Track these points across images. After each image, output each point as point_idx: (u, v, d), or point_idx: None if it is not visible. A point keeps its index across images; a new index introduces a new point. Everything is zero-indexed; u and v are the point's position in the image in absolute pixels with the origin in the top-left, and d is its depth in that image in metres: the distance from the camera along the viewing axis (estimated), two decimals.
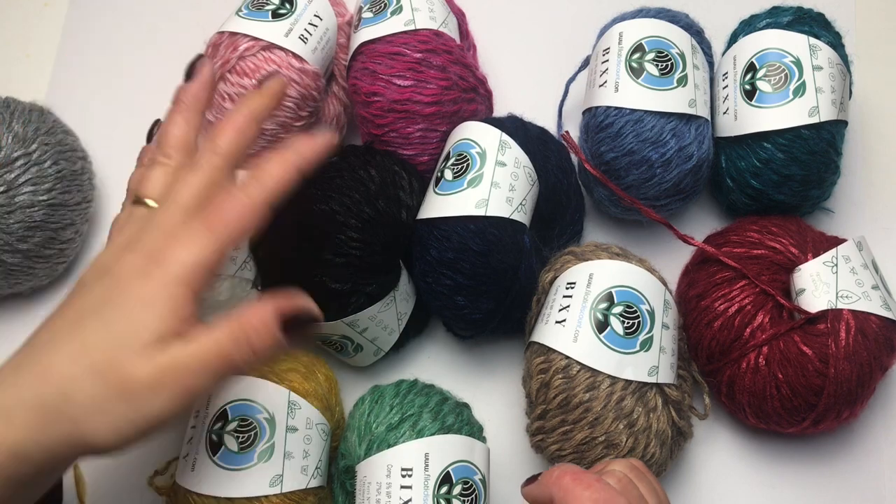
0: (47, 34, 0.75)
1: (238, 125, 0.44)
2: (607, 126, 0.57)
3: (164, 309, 0.38)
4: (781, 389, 0.51)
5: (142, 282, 0.39)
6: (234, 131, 0.44)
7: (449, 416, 0.50)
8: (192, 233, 0.40)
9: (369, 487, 0.47)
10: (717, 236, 0.58)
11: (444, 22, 0.61)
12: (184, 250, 0.40)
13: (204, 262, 0.40)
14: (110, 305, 0.39)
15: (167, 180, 0.43)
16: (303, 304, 0.40)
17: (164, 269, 0.39)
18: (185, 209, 0.41)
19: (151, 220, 0.42)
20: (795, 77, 0.56)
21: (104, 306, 0.39)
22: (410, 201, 0.56)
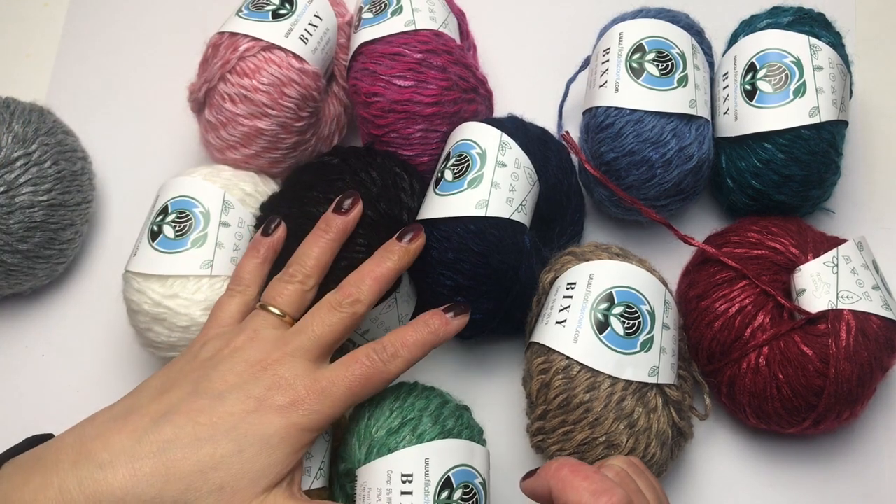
0: (47, 34, 0.75)
1: (382, 278, 0.49)
2: (607, 126, 0.57)
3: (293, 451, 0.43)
4: (782, 390, 0.51)
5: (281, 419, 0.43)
6: (378, 284, 0.49)
7: (449, 420, 0.50)
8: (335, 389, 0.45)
9: (369, 493, 0.47)
10: (718, 237, 0.58)
11: (444, 22, 0.61)
12: (326, 404, 0.45)
13: (336, 416, 0.45)
14: (247, 432, 0.42)
15: (298, 300, 0.49)
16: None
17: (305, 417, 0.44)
18: (322, 347, 0.47)
19: (288, 344, 0.46)
20: (796, 77, 0.56)
21: (240, 430, 0.42)
22: (411, 202, 0.56)
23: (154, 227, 0.57)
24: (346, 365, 0.46)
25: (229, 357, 0.45)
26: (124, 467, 0.40)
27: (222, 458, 0.41)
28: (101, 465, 0.40)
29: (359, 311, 0.48)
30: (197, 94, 0.60)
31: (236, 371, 0.44)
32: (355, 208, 0.52)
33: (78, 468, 0.40)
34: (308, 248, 0.50)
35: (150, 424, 0.42)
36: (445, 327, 0.49)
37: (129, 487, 0.39)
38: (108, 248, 0.66)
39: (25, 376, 0.62)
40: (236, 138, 0.59)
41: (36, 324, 0.64)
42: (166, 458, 0.40)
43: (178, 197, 0.57)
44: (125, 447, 0.41)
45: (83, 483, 0.39)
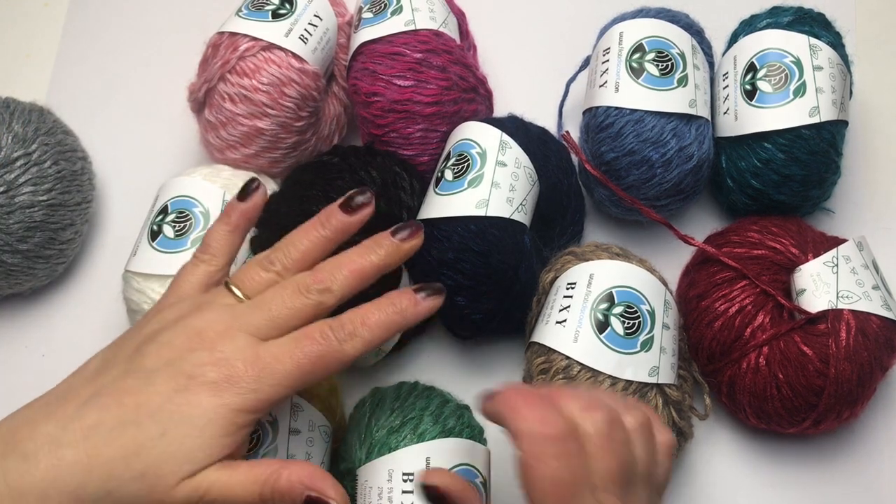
0: (47, 34, 0.75)
1: (362, 272, 0.43)
2: (608, 126, 0.57)
3: (223, 434, 0.39)
4: (782, 390, 0.51)
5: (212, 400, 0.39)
6: (357, 278, 0.43)
7: (450, 419, 0.50)
8: (279, 366, 0.40)
9: (370, 492, 0.47)
10: (718, 236, 0.58)
11: (444, 22, 0.61)
12: (266, 382, 0.40)
13: (278, 397, 0.40)
14: (173, 413, 0.39)
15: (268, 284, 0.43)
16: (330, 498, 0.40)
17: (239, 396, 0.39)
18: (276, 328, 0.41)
19: (237, 318, 0.41)
20: (796, 77, 0.56)
21: (165, 411, 0.39)
22: (411, 202, 0.56)
23: (154, 226, 0.57)
24: (296, 340, 0.41)
25: (170, 327, 0.41)
26: (47, 457, 0.38)
27: (144, 442, 0.38)
28: (26, 457, 0.38)
29: (326, 303, 0.42)
30: (197, 94, 0.60)
31: (174, 344, 0.41)
32: (364, 210, 0.45)
33: (5, 460, 0.38)
34: (298, 237, 0.45)
35: (77, 409, 0.39)
36: (414, 307, 0.42)
37: (50, 479, 0.38)
38: (108, 248, 0.66)
39: (25, 376, 0.62)
40: (236, 138, 0.59)
41: (36, 324, 0.64)
42: (89, 445, 0.38)
43: (177, 197, 0.57)
44: (50, 435, 0.39)
45: (8, 476, 0.38)
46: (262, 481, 0.39)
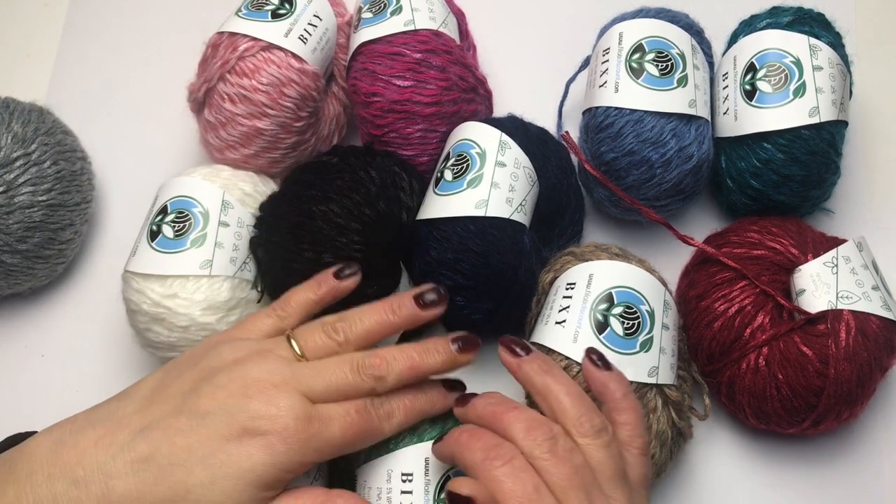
0: (47, 34, 0.75)
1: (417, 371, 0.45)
2: (607, 126, 0.56)
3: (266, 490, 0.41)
4: (781, 390, 0.51)
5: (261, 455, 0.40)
6: (412, 374, 0.45)
7: (449, 419, 0.50)
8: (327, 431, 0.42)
9: (369, 492, 0.47)
10: (717, 237, 0.58)
11: (443, 22, 0.61)
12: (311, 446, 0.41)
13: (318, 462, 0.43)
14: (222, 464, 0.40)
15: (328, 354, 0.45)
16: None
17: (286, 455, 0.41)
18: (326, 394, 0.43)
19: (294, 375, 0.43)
20: (795, 77, 0.56)
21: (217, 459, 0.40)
22: (411, 202, 0.56)
23: (153, 226, 0.57)
24: (344, 410, 0.43)
25: (228, 369, 0.43)
26: (97, 486, 0.39)
27: (193, 487, 0.39)
28: (76, 483, 0.39)
29: (378, 389, 0.44)
30: (196, 94, 0.60)
31: (230, 389, 0.42)
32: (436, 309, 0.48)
33: (53, 482, 0.39)
34: (367, 315, 0.47)
35: (128, 440, 0.40)
36: (443, 400, 0.47)
37: None
38: (107, 248, 0.66)
39: (25, 376, 0.62)
40: (236, 138, 0.59)
41: (36, 324, 0.64)
42: (138, 479, 0.39)
43: (177, 197, 0.57)
44: (100, 463, 0.39)
45: (58, 500, 0.39)
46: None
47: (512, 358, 0.45)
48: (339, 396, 0.44)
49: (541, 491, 0.38)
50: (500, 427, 0.41)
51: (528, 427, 0.41)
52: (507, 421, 0.41)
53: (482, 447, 0.40)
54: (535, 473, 0.39)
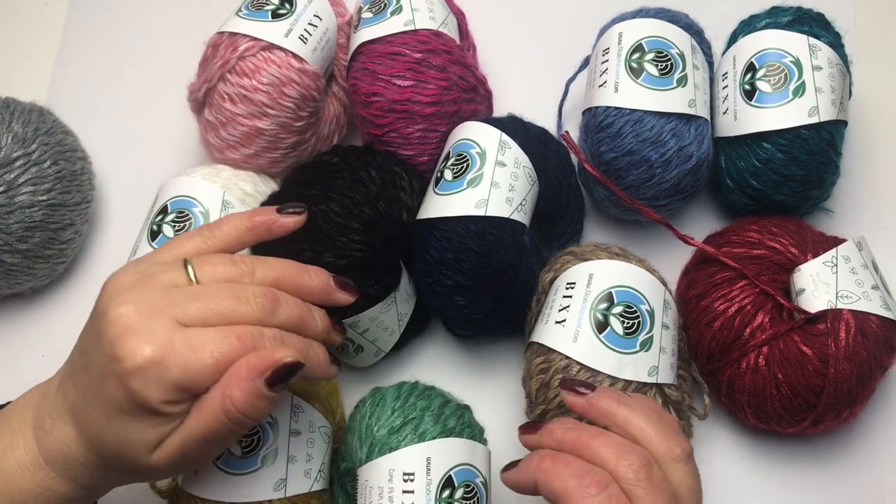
0: (47, 34, 0.75)
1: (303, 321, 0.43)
2: (607, 126, 0.57)
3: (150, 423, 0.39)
4: (781, 389, 0.51)
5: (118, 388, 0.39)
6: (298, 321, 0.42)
7: (450, 419, 0.50)
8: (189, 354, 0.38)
9: (371, 492, 0.47)
10: (717, 236, 0.58)
11: (443, 22, 0.61)
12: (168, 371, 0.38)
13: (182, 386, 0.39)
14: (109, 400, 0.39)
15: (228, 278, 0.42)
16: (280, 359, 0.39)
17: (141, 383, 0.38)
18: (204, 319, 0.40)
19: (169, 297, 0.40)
20: (795, 77, 0.56)
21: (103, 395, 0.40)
22: (411, 202, 0.56)
23: (154, 226, 0.57)
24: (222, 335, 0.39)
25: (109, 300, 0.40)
26: (60, 430, 0.41)
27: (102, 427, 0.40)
28: (45, 430, 0.42)
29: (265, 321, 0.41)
30: (197, 94, 0.60)
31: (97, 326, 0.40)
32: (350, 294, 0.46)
33: (37, 429, 0.42)
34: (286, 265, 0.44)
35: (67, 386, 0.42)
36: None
37: (66, 449, 0.41)
38: (108, 248, 0.66)
39: (25, 376, 0.62)
40: (236, 138, 0.59)
41: (36, 324, 0.64)
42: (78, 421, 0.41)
43: (177, 197, 0.57)
44: (57, 410, 0.42)
45: (41, 444, 0.42)
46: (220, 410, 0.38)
47: (579, 399, 0.43)
48: (221, 322, 0.40)
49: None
50: (588, 453, 0.40)
51: (620, 452, 0.39)
52: (594, 446, 0.40)
53: (574, 473, 0.38)
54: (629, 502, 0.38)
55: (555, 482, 0.39)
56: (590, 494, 0.37)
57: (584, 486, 0.38)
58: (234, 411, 0.38)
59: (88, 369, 0.40)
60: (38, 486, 0.41)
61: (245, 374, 0.38)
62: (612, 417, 0.41)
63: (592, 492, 0.37)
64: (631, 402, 0.42)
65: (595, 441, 0.40)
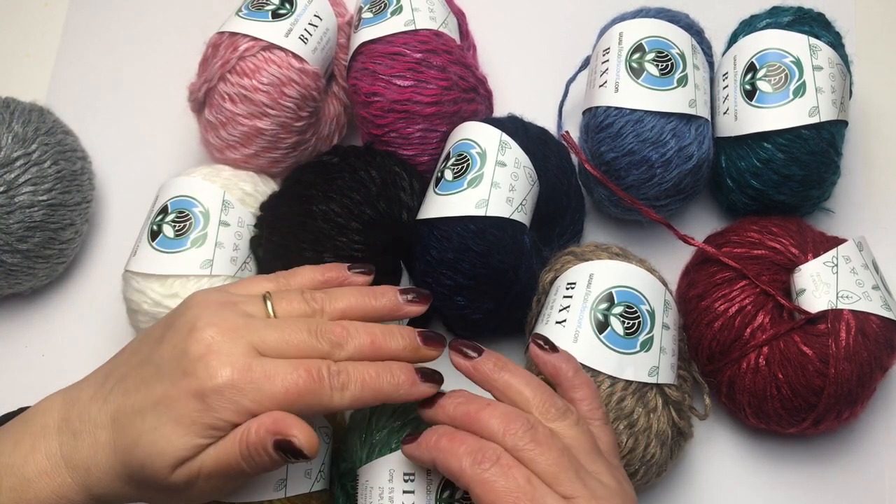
0: (47, 34, 0.75)
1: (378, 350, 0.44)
2: (607, 126, 0.57)
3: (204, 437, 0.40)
4: (782, 390, 0.51)
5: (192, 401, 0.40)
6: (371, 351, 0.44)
7: None
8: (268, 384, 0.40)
9: (371, 492, 0.47)
10: (718, 236, 0.58)
11: (444, 22, 0.61)
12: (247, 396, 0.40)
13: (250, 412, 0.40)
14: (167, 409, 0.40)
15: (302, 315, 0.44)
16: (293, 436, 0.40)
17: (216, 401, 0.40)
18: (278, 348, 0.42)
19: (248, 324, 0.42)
20: (795, 77, 0.56)
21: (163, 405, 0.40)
22: (411, 202, 0.56)
23: (154, 226, 0.57)
24: (293, 367, 0.41)
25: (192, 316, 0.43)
26: (88, 437, 0.42)
27: (142, 434, 0.40)
28: (75, 434, 0.42)
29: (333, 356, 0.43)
30: (197, 94, 0.60)
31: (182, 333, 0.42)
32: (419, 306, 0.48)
33: (60, 434, 0.42)
34: (351, 293, 0.46)
35: (109, 392, 0.42)
36: (409, 388, 0.43)
37: (91, 456, 0.41)
38: (108, 248, 0.66)
39: (25, 376, 0.62)
40: (236, 138, 0.59)
41: (36, 324, 0.64)
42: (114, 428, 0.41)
43: (177, 197, 0.57)
44: (91, 416, 0.42)
45: (63, 450, 0.42)
46: (238, 440, 0.40)
47: (465, 361, 0.45)
48: (294, 353, 0.42)
49: (532, 481, 0.39)
50: (477, 427, 0.41)
51: (505, 422, 0.41)
52: (482, 419, 0.41)
53: (467, 451, 0.40)
54: (522, 466, 0.39)
55: (451, 462, 0.40)
56: (483, 469, 0.39)
57: (477, 463, 0.39)
58: (244, 446, 0.40)
59: (153, 380, 0.41)
60: (53, 494, 0.41)
61: (265, 425, 0.40)
62: (494, 383, 0.44)
63: (486, 466, 0.39)
64: (511, 366, 0.44)
65: (483, 414, 0.42)
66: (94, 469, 0.41)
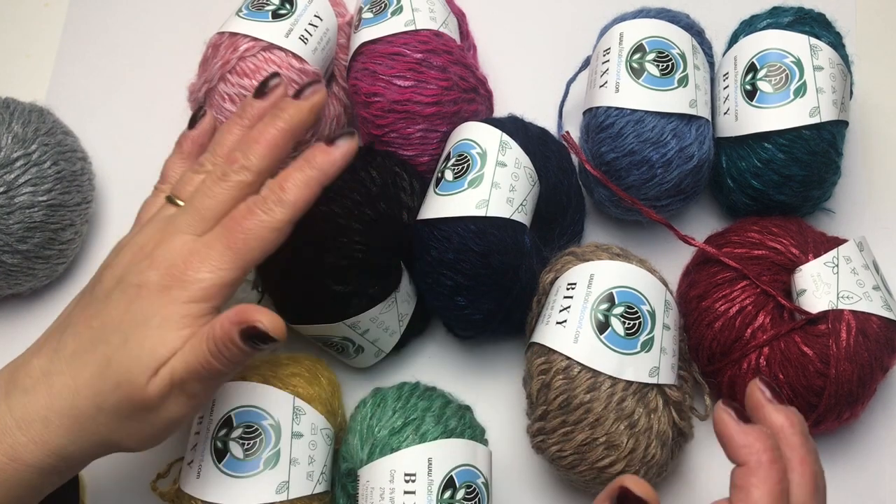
0: (47, 34, 0.75)
1: (273, 141, 0.44)
2: (608, 126, 0.57)
3: (180, 327, 0.41)
4: (782, 390, 0.51)
5: (161, 300, 0.41)
6: (268, 147, 0.44)
7: (451, 420, 0.50)
8: (213, 251, 0.42)
9: (372, 492, 0.47)
10: (718, 237, 0.58)
11: (444, 22, 0.61)
12: (204, 269, 0.41)
13: (224, 281, 0.42)
14: (131, 322, 0.41)
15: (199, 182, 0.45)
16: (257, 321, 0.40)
17: (184, 289, 0.41)
18: (204, 220, 0.43)
19: (171, 224, 0.43)
20: (796, 77, 0.56)
21: (125, 321, 0.41)
22: (411, 202, 0.56)
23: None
24: (225, 225, 0.42)
25: (121, 250, 0.44)
26: (42, 387, 0.41)
27: (112, 353, 0.41)
28: (26, 390, 0.41)
29: (246, 180, 0.43)
30: (197, 94, 0.60)
31: (122, 264, 0.43)
32: (276, 91, 0.47)
33: (9, 398, 0.42)
34: (222, 135, 0.46)
35: (58, 341, 0.43)
36: (328, 157, 0.44)
37: (48, 405, 0.41)
38: (108, 248, 0.65)
39: None
40: None
41: (36, 324, 0.63)
42: (73, 369, 0.41)
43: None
44: (42, 368, 0.42)
45: (13, 409, 0.41)
46: (205, 339, 0.40)
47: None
48: (218, 215, 0.43)
49: None
50: None
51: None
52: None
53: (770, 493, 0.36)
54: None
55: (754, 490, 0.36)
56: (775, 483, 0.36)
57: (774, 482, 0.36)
58: (212, 343, 0.40)
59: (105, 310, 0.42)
60: (5, 456, 0.40)
61: (227, 318, 0.40)
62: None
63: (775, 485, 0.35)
64: None
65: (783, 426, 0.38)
66: (54, 417, 0.41)
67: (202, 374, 0.41)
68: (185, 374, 0.40)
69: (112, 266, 0.44)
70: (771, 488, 0.36)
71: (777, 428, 0.38)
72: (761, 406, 0.39)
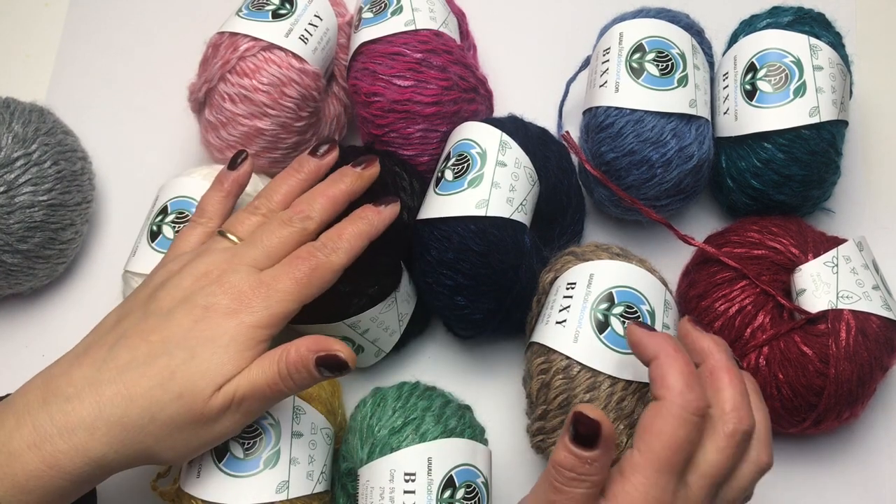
0: (47, 34, 0.75)
1: (334, 198, 0.50)
2: (608, 126, 0.57)
3: (245, 349, 0.44)
4: (782, 390, 0.51)
5: (229, 322, 0.44)
6: (330, 203, 0.50)
7: (451, 420, 0.50)
8: (279, 284, 0.45)
9: (372, 492, 0.47)
10: (718, 236, 0.58)
11: (444, 22, 0.61)
12: (272, 299, 0.45)
13: (286, 311, 0.45)
14: (198, 339, 0.43)
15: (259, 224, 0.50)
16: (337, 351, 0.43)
17: (251, 314, 0.44)
18: (269, 257, 0.47)
19: (236, 256, 0.47)
20: (796, 77, 0.56)
21: (190, 338, 0.44)
22: (411, 202, 0.56)
23: (154, 227, 0.57)
24: (289, 262, 0.46)
25: (177, 274, 0.47)
26: (89, 396, 0.42)
27: (176, 367, 0.42)
28: (68, 398, 0.42)
29: (308, 228, 0.48)
30: (197, 94, 0.60)
31: (183, 286, 0.46)
32: (331, 154, 0.53)
33: (48, 405, 0.42)
34: (278, 184, 0.51)
35: (108, 352, 0.43)
36: (378, 216, 0.50)
37: (96, 413, 0.42)
38: (108, 248, 0.66)
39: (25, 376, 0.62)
40: (236, 138, 0.59)
41: (36, 324, 0.64)
42: (126, 379, 0.42)
43: (177, 197, 0.57)
44: (87, 377, 0.43)
45: (54, 417, 0.41)
46: (276, 360, 0.43)
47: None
48: (280, 254, 0.47)
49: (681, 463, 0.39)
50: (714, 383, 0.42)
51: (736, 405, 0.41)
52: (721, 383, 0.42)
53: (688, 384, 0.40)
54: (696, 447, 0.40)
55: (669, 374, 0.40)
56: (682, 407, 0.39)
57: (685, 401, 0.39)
58: (283, 365, 0.43)
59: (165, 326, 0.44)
60: (43, 464, 0.41)
61: (305, 345, 0.43)
62: None
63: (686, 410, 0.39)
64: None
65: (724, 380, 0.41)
66: (101, 425, 0.41)
67: (265, 395, 0.44)
68: (249, 392, 0.43)
69: (168, 286, 0.46)
70: (681, 368, 0.40)
71: (705, 350, 0.43)
72: (688, 332, 0.44)
